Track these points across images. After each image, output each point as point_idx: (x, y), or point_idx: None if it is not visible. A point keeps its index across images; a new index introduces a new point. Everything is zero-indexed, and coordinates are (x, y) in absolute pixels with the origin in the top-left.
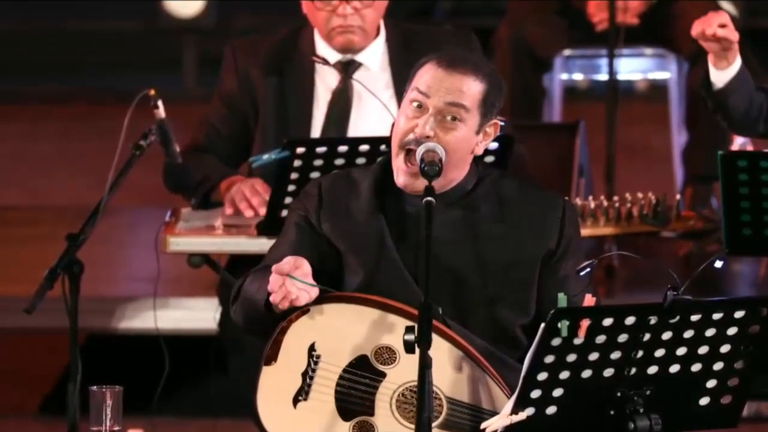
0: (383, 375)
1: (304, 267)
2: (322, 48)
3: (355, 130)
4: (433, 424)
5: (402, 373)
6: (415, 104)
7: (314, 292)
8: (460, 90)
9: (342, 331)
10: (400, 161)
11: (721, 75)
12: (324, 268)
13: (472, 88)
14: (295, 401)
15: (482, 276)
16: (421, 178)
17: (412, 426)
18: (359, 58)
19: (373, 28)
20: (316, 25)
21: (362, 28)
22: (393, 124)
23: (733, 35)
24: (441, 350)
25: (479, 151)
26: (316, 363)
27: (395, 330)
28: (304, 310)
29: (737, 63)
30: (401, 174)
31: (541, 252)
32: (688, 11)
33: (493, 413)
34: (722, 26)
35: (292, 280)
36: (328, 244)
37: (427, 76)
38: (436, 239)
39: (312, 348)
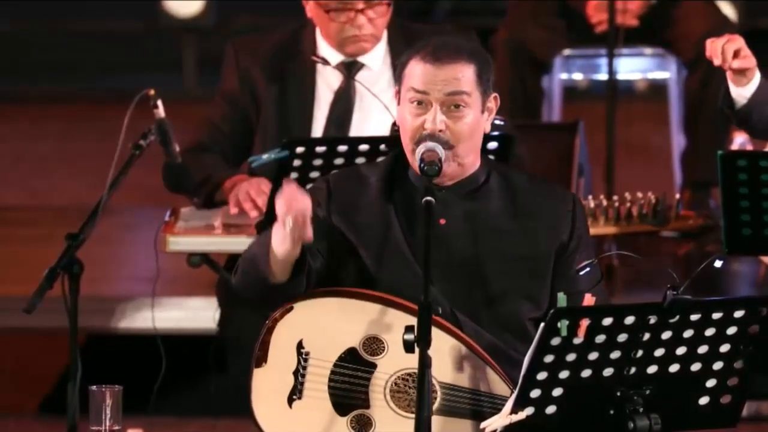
0: (374, 366)
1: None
2: (324, 48)
3: (357, 130)
4: None
5: (392, 362)
6: (415, 102)
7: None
8: (455, 78)
9: (327, 325)
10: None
11: (741, 91)
12: (333, 257)
13: (465, 73)
14: (290, 401)
15: (496, 268)
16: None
17: (409, 415)
18: (361, 58)
19: (382, 33)
20: (325, 32)
21: (374, 35)
22: (393, 123)
23: (750, 62)
24: (436, 339)
25: (488, 129)
26: (306, 360)
27: (380, 319)
28: (288, 308)
29: (756, 77)
30: None
31: (554, 245)
32: (688, 15)
33: (492, 396)
34: (736, 53)
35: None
36: (339, 235)
37: (417, 73)
38: (450, 231)
39: (300, 345)
